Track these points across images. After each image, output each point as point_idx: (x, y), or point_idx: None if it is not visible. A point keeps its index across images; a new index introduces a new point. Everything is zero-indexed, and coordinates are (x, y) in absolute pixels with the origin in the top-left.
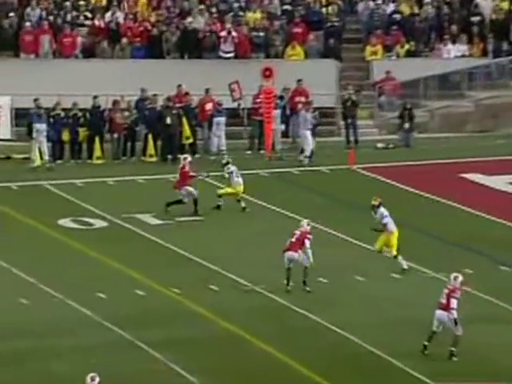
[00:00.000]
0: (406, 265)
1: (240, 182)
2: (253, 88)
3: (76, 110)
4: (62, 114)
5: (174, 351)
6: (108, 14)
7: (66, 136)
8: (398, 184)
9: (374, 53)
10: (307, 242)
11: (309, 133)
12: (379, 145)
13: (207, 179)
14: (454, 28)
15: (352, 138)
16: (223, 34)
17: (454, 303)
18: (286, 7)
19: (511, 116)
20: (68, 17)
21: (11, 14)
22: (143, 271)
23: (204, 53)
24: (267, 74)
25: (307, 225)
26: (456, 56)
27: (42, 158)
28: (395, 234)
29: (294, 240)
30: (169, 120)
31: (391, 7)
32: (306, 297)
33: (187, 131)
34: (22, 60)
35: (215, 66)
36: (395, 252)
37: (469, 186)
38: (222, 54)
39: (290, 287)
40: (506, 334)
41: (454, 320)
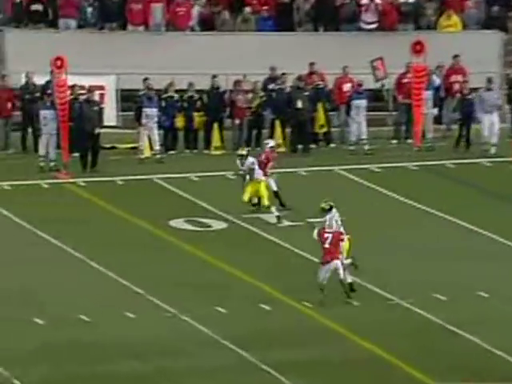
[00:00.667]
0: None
1: (261, 177)
2: (399, 65)
3: (192, 92)
4: (176, 97)
5: (303, 375)
6: None
7: (179, 122)
8: None
9: None
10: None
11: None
12: None
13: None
14: None
15: None
16: (365, 1)
17: None
18: None
19: None
20: None
21: None
22: (269, 281)
23: (342, 24)
24: (417, 48)
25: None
26: None
27: (151, 147)
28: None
29: (327, 246)
30: (299, 103)
31: None
32: (459, 313)
33: (321, 118)
34: (129, 33)
35: (355, 40)
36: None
37: None
38: (364, 26)
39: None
40: None
41: None
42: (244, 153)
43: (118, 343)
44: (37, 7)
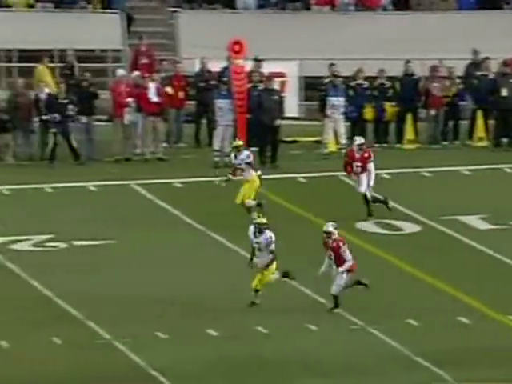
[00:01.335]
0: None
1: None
2: None
3: (383, 79)
4: (365, 85)
5: None
6: None
7: (369, 113)
8: None
9: None
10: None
11: None
12: None
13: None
14: None
15: None
16: None
17: None
18: None
19: None
20: None
21: None
22: (468, 291)
23: None
24: None
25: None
26: None
27: (337, 141)
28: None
29: None
30: (505, 92)
31: None
32: None
33: None
34: (313, 14)
35: None
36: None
37: None
38: None
39: None
40: None
41: None
42: (240, 143)
43: (300, 359)
44: None
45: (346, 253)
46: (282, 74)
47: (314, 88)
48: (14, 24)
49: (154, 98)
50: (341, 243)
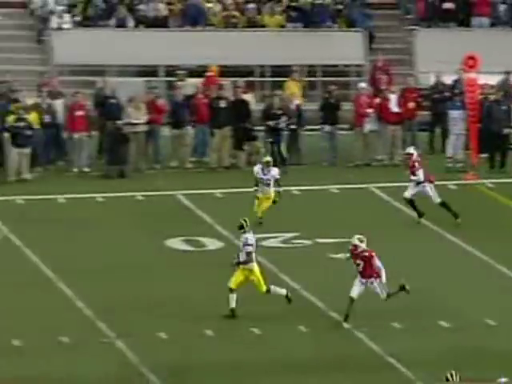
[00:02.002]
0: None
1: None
2: None
3: None
4: None
5: None
6: None
7: None
8: None
9: None
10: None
11: None
12: None
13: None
14: None
15: None
16: None
17: None
18: None
19: None
20: None
21: None
22: None
23: None
24: None
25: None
26: None
27: None
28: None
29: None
30: None
31: None
32: None
33: None
34: None
35: None
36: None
37: None
38: None
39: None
40: None
41: None
42: (270, 160)
43: None
44: (448, 5)
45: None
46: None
47: None
48: (266, 43)
49: (395, 109)
50: (373, 253)
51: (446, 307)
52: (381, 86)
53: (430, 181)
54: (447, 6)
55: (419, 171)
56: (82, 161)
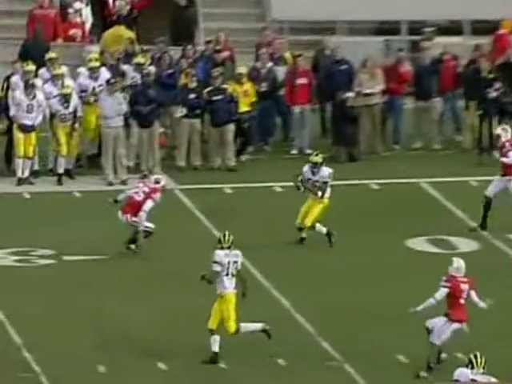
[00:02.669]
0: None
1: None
2: None
3: None
4: None
5: None
6: None
7: None
8: None
9: None
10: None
11: None
12: None
13: None
14: None
15: None
16: None
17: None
18: None
19: None
20: None
21: None
22: None
23: None
24: None
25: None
26: None
27: None
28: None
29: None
30: None
31: None
32: None
33: None
34: None
35: None
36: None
37: None
38: None
39: None
40: None
41: None
42: (319, 160)
43: None
44: None
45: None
46: None
47: None
48: None
49: None
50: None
51: None
52: None
53: None
54: None
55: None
56: (304, 140)
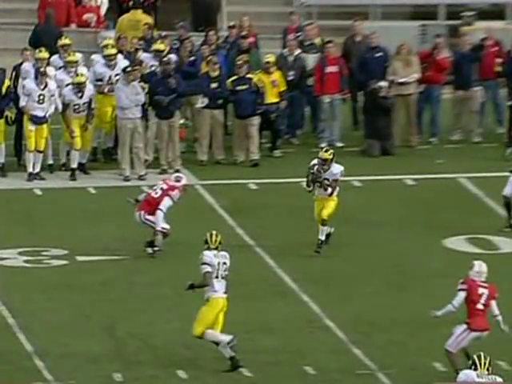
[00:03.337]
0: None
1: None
2: None
3: None
4: None
5: None
6: None
7: None
8: None
9: None
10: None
11: None
12: None
13: None
14: None
15: None
16: None
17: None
18: None
19: None
20: None
21: None
22: None
23: None
24: None
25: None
26: None
27: None
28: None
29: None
30: None
31: None
32: None
33: None
34: None
35: None
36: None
37: None
38: None
39: None
40: None
41: None
42: (329, 157)
43: None
44: None
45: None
46: None
47: None
48: None
49: None
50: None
51: None
52: None
53: None
54: None
55: None
56: (334, 133)
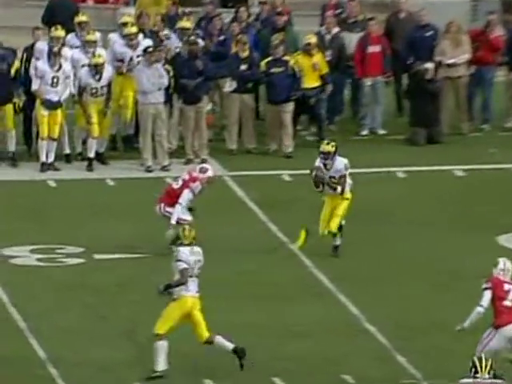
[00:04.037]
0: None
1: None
2: None
3: None
4: None
5: None
6: None
7: None
8: None
9: None
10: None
11: None
12: None
13: None
14: None
15: None
16: None
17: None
18: None
19: None
20: None
21: None
22: None
23: None
24: None
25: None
26: None
27: None
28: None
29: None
30: None
31: None
32: None
33: None
34: None
35: None
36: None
37: None
38: None
39: None
40: None
41: None
42: (332, 150)
43: None
44: None
45: None
46: None
47: None
48: None
49: None
50: None
51: None
52: None
53: None
54: None
55: None
56: (376, 119)
